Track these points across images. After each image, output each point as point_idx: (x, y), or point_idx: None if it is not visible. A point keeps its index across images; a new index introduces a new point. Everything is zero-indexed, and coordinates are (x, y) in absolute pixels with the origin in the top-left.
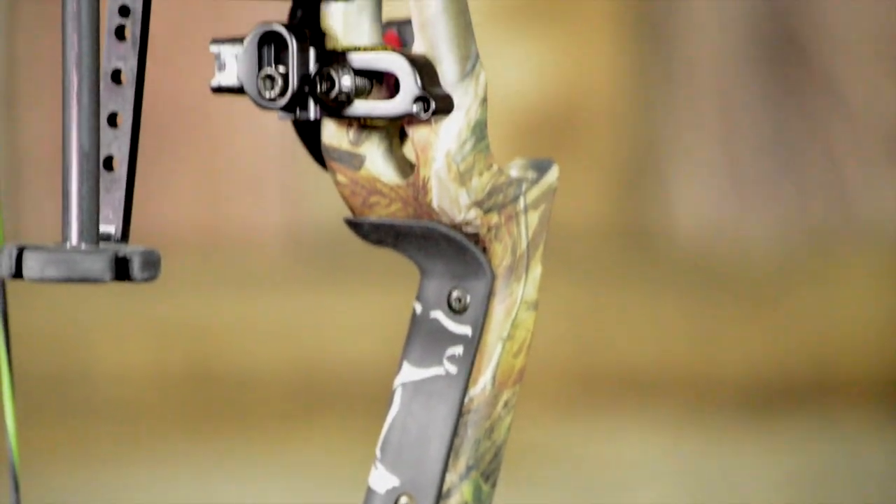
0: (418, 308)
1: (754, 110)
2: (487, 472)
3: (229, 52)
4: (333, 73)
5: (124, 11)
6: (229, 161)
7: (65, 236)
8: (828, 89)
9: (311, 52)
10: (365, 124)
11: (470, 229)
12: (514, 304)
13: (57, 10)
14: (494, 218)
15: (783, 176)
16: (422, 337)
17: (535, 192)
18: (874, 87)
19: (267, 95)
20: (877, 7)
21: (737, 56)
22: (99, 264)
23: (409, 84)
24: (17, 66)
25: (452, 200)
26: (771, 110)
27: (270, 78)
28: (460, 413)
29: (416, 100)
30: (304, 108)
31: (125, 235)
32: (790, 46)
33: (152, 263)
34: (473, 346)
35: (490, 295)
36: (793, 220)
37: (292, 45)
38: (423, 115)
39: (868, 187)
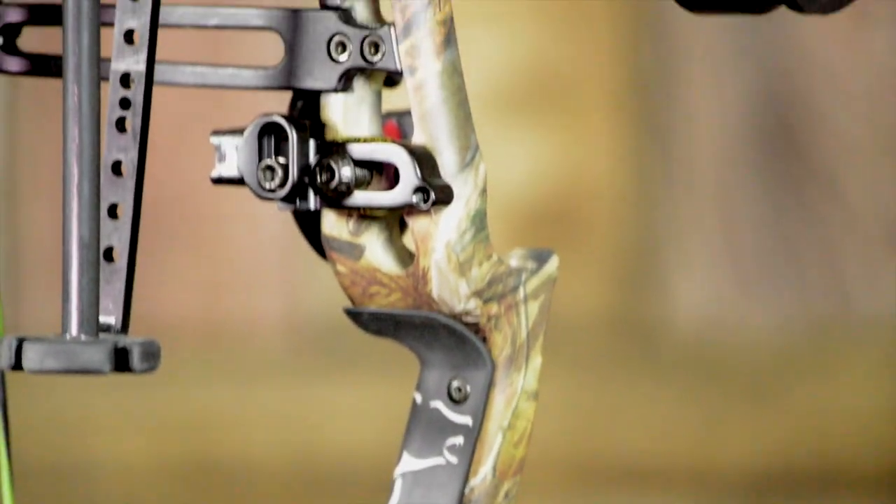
0: (418, 398)
1: (753, 203)
2: None
3: (229, 144)
4: (333, 164)
5: (125, 104)
6: (229, 251)
7: (64, 327)
8: (827, 184)
9: (312, 143)
10: (365, 214)
11: (470, 319)
12: (514, 394)
13: (57, 101)
14: (494, 308)
15: (783, 269)
16: (422, 427)
17: (534, 282)
18: (874, 182)
19: (267, 186)
20: (876, 102)
21: (735, 150)
22: (98, 355)
23: (409, 174)
24: (17, 157)
25: (452, 290)
26: (770, 204)
27: (270, 169)
28: (461, 503)
29: (416, 190)
30: (304, 198)
31: (125, 326)
32: (789, 141)
33: (152, 354)
34: (474, 436)
35: (490, 385)
36: (793, 313)
37: (292, 136)
38: (423, 206)
39: (868, 281)
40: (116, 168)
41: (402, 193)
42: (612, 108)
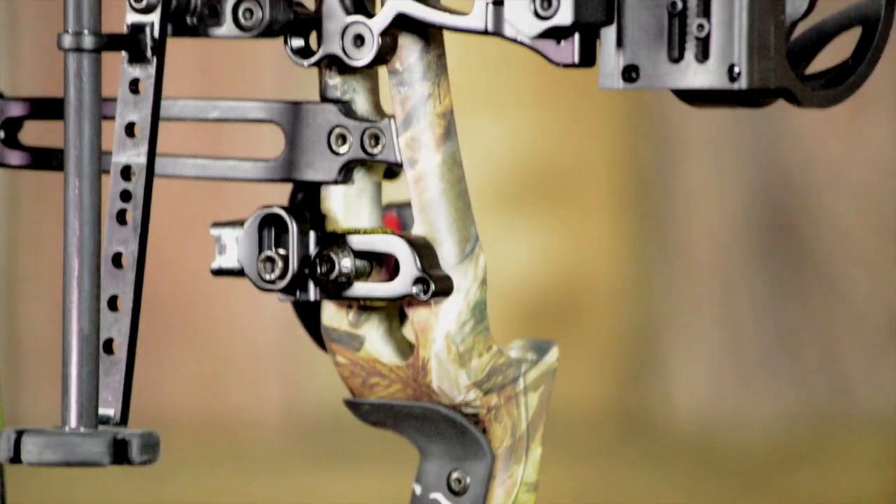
0: (418, 489)
1: (753, 295)
2: None
3: (230, 235)
4: (333, 256)
5: (126, 196)
6: (229, 343)
7: (64, 419)
8: (827, 276)
9: (312, 235)
10: (365, 306)
11: (469, 410)
12: (514, 486)
13: (59, 194)
14: (494, 399)
15: (783, 361)
16: None
17: (534, 374)
18: (874, 274)
19: (267, 277)
20: (875, 195)
21: (735, 241)
22: (98, 447)
23: (409, 266)
24: (18, 250)
25: (452, 381)
26: (770, 295)
27: (271, 260)
28: None
29: (416, 281)
30: (304, 289)
31: (124, 418)
32: (788, 232)
33: (151, 446)
34: None
35: (490, 476)
36: (793, 405)
37: (292, 227)
38: (423, 297)
39: (869, 373)
40: (117, 260)
41: (402, 285)
42: (613, 200)
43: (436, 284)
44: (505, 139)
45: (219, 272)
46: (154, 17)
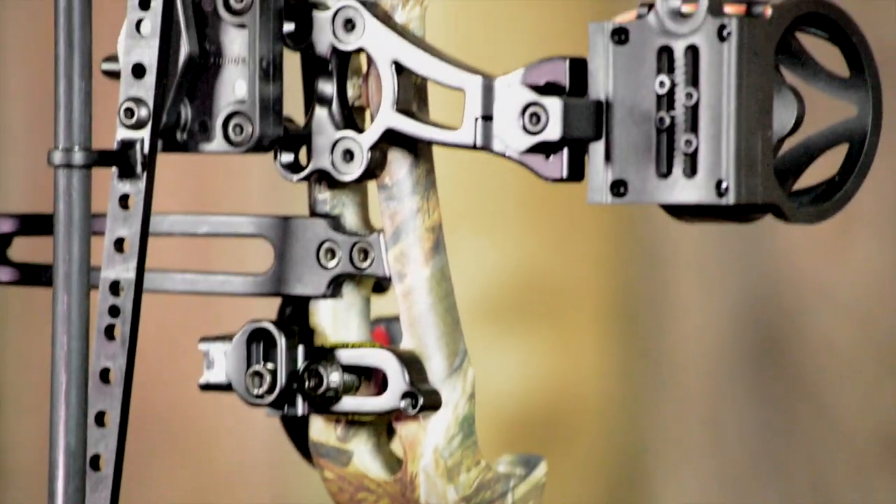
0: None
1: (741, 415)
2: None
3: (218, 350)
4: (322, 370)
5: (114, 311)
6: (217, 457)
7: None
8: (816, 397)
9: (300, 349)
10: (353, 420)
11: None
12: None
13: (47, 309)
14: None
15: (771, 483)
16: None
17: (523, 489)
18: (863, 397)
19: (255, 392)
20: (864, 314)
21: (723, 360)
22: None
23: (398, 380)
24: (4, 363)
25: (440, 496)
26: (758, 416)
27: (259, 375)
28: None
29: (404, 396)
30: (292, 404)
31: None
32: (776, 352)
33: None
34: None
35: None
36: None
37: (281, 342)
38: (411, 411)
39: (856, 494)
40: (104, 375)
41: (390, 399)
42: (600, 318)
43: (424, 399)
44: (493, 254)
45: (207, 387)
46: (144, 134)
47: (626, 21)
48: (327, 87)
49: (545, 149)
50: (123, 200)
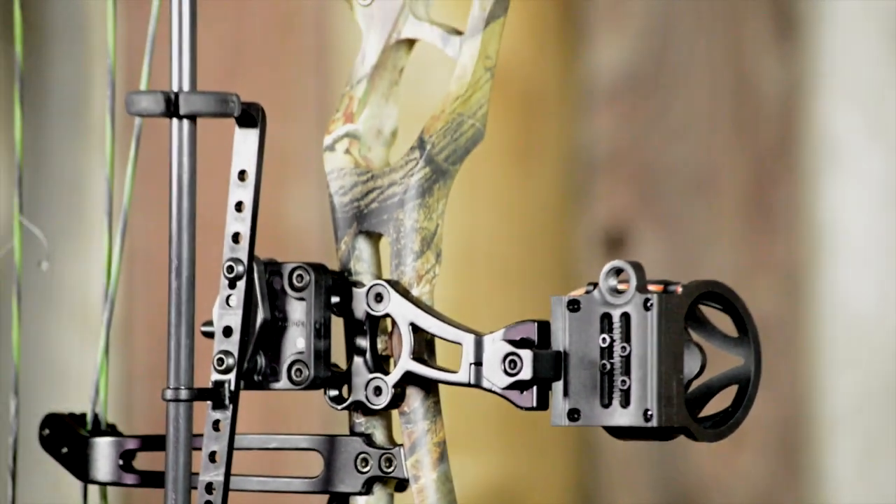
0: None
1: None
2: None
3: None
4: None
5: None
6: None
7: None
8: None
9: None
10: None
11: None
12: None
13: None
14: None
15: None
16: None
17: None
18: None
19: None
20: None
21: None
22: None
23: None
24: None
25: None
26: None
27: None
28: None
29: None
30: None
31: None
32: None
33: None
34: None
35: None
36: None
37: None
38: None
39: None
40: None
41: None
42: None
43: None
44: (480, 470)
45: None
46: (231, 376)
47: (577, 295)
48: (363, 342)
49: (520, 386)
50: (216, 424)
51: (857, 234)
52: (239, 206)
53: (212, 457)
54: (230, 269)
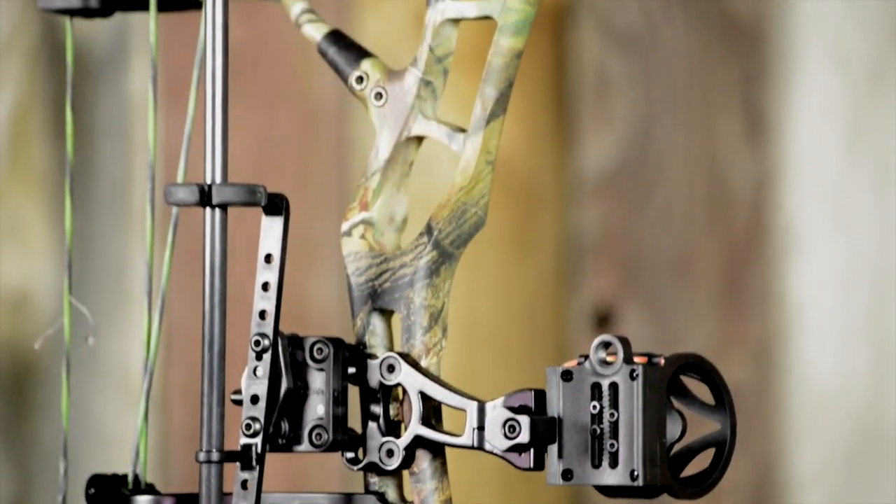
0: None
1: None
2: None
3: None
4: None
5: None
6: None
7: None
8: None
9: None
10: None
11: None
12: None
13: None
14: None
15: None
16: None
17: None
18: None
19: None
20: None
21: None
22: None
23: None
24: None
25: None
26: None
27: None
28: None
29: None
30: None
31: None
32: None
33: None
34: None
35: None
36: None
37: None
38: None
39: None
40: None
41: None
42: None
43: None
44: None
45: None
46: (258, 440)
47: (570, 366)
48: (377, 409)
49: (519, 448)
50: (244, 484)
51: (822, 313)
52: (265, 286)
53: None
54: (257, 342)
